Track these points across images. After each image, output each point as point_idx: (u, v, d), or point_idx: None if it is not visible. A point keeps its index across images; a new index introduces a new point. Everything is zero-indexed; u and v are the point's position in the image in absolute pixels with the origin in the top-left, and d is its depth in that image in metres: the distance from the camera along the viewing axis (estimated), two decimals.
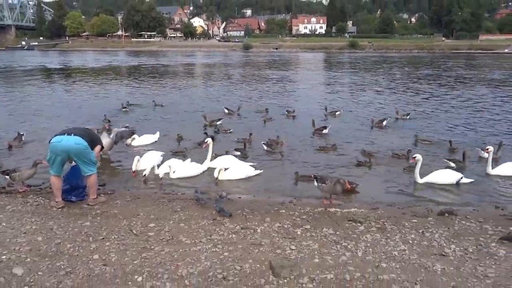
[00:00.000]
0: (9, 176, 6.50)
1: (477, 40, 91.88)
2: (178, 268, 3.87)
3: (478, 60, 53.24)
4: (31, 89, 22.34)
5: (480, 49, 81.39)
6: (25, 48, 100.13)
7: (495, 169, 7.56)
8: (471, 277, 3.78)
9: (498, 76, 29.90)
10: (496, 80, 26.81)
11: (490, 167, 7.55)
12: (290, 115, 13.63)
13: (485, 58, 57.32)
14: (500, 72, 33.78)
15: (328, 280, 3.68)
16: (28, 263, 3.95)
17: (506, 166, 7.55)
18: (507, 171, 7.47)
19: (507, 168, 7.51)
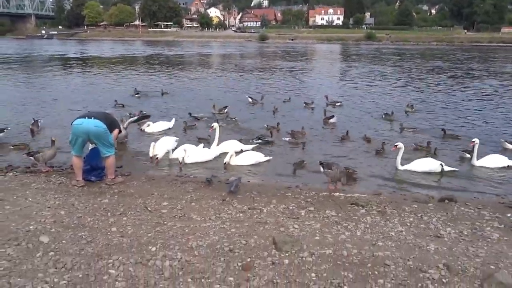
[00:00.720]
0: (33, 157, 6.95)
1: (499, 33, 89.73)
2: (189, 241, 4.20)
3: (498, 53, 52.14)
4: (50, 76, 23.11)
5: (501, 42, 79.52)
6: (45, 37, 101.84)
7: (479, 161, 7.71)
8: (462, 256, 4.01)
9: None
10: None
11: (475, 159, 7.70)
12: (309, 106, 13.66)
13: (504, 52, 56.04)
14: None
15: (326, 255, 3.97)
16: (52, 233, 4.34)
17: (490, 158, 7.73)
18: (491, 163, 7.65)
19: (490, 160, 7.69)
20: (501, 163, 7.67)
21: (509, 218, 5.13)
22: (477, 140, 7.69)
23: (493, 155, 7.86)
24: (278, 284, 3.43)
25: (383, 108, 13.62)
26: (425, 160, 7.53)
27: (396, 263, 3.81)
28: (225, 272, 3.61)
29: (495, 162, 7.67)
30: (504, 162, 7.68)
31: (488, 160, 7.71)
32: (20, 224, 4.50)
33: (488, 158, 7.75)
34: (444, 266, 3.75)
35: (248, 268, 3.68)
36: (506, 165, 7.65)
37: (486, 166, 7.64)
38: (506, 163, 7.66)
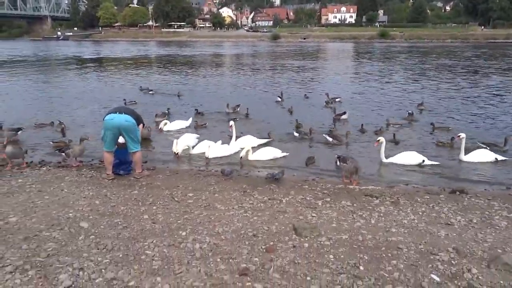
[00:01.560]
0: (64, 153, 7.40)
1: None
2: (215, 227, 4.56)
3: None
4: (66, 76, 23.91)
5: None
6: (60, 38, 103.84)
7: (467, 156, 7.85)
8: (470, 241, 4.29)
9: None
10: None
11: (462, 154, 7.83)
12: (328, 106, 13.73)
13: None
14: None
15: (343, 239, 4.28)
16: (91, 219, 4.74)
17: (477, 153, 7.90)
18: (478, 158, 7.83)
19: (478, 155, 7.87)
20: (488, 158, 7.85)
21: None
22: (464, 134, 7.83)
23: (480, 150, 8.06)
24: (299, 264, 3.75)
25: (392, 106, 13.80)
26: (407, 154, 7.79)
27: (408, 247, 4.11)
28: (250, 253, 3.96)
29: (482, 157, 7.84)
30: (491, 156, 7.86)
31: (476, 154, 7.87)
32: (60, 212, 4.92)
33: (475, 152, 7.92)
34: (453, 249, 4.03)
35: (271, 250, 4.02)
36: (494, 159, 7.84)
37: (473, 161, 7.81)
38: (493, 157, 7.85)
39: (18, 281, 3.38)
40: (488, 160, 7.84)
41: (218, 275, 3.55)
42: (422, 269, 3.67)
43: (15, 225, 4.50)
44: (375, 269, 3.68)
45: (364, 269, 3.68)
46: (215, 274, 3.57)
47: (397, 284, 3.44)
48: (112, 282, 3.42)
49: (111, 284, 3.39)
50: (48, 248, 3.98)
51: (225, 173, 6.58)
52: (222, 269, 3.64)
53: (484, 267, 3.72)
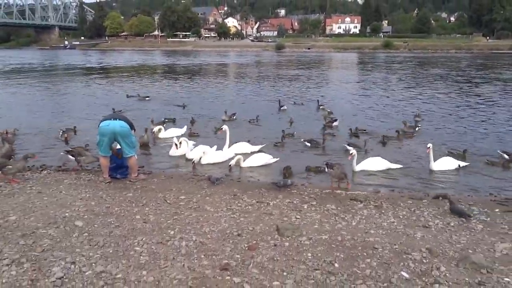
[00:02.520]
0: (75, 159, 7.67)
1: None
2: (202, 227, 4.81)
3: None
4: (72, 85, 24.38)
5: None
6: (68, 47, 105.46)
7: (435, 164, 8.04)
8: (444, 242, 4.50)
9: None
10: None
11: (432, 163, 7.99)
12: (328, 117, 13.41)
13: None
14: None
15: (323, 239, 4.51)
16: (85, 219, 5.01)
17: (443, 161, 8.13)
18: (445, 166, 8.06)
19: (444, 163, 8.10)
20: (453, 165, 8.10)
21: (496, 213, 5.57)
22: (431, 145, 7.95)
23: (445, 158, 8.25)
24: (278, 261, 3.98)
25: (388, 116, 14.03)
26: (374, 160, 8.04)
27: (384, 247, 4.33)
28: (233, 251, 4.19)
29: (448, 165, 8.08)
30: (455, 163, 8.12)
31: (442, 163, 8.09)
32: (57, 212, 5.20)
33: (441, 161, 8.14)
34: (426, 250, 4.24)
35: (253, 248, 4.26)
36: (458, 165, 8.10)
37: (442, 169, 8.01)
38: (457, 164, 8.12)
39: (14, 273, 3.64)
40: (454, 167, 8.08)
41: (200, 269, 3.79)
42: (394, 267, 3.89)
43: (14, 223, 4.77)
44: (349, 266, 3.90)
45: (338, 266, 3.90)
46: (197, 268, 3.80)
47: (368, 280, 3.65)
48: (101, 274, 3.67)
49: (100, 276, 3.63)
50: (44, 244, 4.25)
51: (211, 180, 6.78)
52: (205, 265, 3.88)
53: (453, 266, 3.92)
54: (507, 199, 6.32)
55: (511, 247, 4.38)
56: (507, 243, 4.49)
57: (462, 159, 8.60)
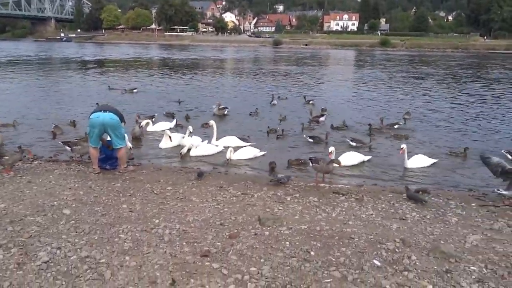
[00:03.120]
0: (71, 149, 7.80)
1: None
2: (187, 216, 4.96)
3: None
4: (67, 77, 24.43)
5: None
6: (64, 40, 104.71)
7: (409, 162, 8.14)
8: (418, 233, 4.68)
9: None
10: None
11: (406, 161, 8.09)
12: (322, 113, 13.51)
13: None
14: None
15: (302, 229, 4.68)
16: (73, 207, 5.15)
17: (416, 159, 8.25)
18: (420, 163, 8.19)
19: (417, 160, 8.23)
20: (426, 162, 8.24)
21: (472, 207, 5.77)
22: (405, 145, 8.04)
23: (418, 156, 8.36)
24: (257, 249, 4.15)
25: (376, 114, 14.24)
26: (349, 154, 8.22)
27: (359, 237, 4.50)
28: (214, 239, 4.35)
29: (422, 162, 8.21)
30: (428, 161, 8.27)
31: (416, 160, 8.21)
32: (46, 200, 5.34)
33: (414, 158, 8.25)
34: (400, 240, 4.42)
35: (234, 237, 4.42)
36: (431, 163, 8.27)
37: (416, 166, 8.14)
38: (430, 162, 8.28)
39: (1, 256, 3.79)
40: (427, 164, 8.23)
41: (181, 256, 3.95)
42: (367, 256, 4.06)
43: (2, 211, 4.91)
44: (325, 254, 4.07)
45: (314, 254, 4.07)
46: (179, 255, 3.97)
47: (341, 267, 3.83)
48: (85, 259, 3.82)
49: (84, 261, 3.79)
50: (31, 230, 4.39)
51: (198, 174, 6.83)
52: (186, 251, 4.04)
53: (423, 255, 4.10)
54: (484, 194, 6.52)
55: (482, 239, 4.57)
56: (478, 235, 4.68)
57: (463, 157, 8.79)
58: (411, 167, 8.11)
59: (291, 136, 10.66)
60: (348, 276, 3.63)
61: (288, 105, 15.51)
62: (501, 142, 10.53)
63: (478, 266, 3.89)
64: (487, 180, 7.44)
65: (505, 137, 11.11)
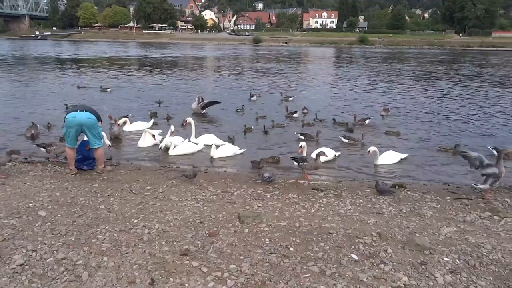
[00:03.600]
0: (45, 150, 7.62)
1: (490, 37, 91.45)
2: (166, 215, 4.94)
3: (486, 57, 53.32)
4: (43, 76, 23.85)
5: (491, 46, 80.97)
6: (39, 38, 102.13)
7: (379, 159, 8.23)
8: (395, 227, 4.79)
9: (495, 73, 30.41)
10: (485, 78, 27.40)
11: (377, 160, 8.18)
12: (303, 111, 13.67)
13: (493, 56, 57.23)
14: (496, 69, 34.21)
15: (281, 226, 4.72)
16: (49, 209, 5.05)
17: (386, 155, 8.34)
18: (388, 159, 8.28)
19: (387, 157, 8.31)
20: (395, 158, 8.34)
21: (446, 200, 5.93)
22: (373, 148, 8.07)
23: (388, 152, 8.45)
24: (237, 246, 4.16)
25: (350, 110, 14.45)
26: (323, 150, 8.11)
27: (338, 232, 4.57)
28: (194, 237, 4.35)
29: (391, 158, 8.30)
30: (397, 156, 8.37)
31: (385, 157, 8.30)
32: (21, 202, 5.22)
33: (384, 155, 8.33)
34: (377, 234, 4.51)
35: (213, 235, 4.42)
36: (400, 158, 8.39)
37: (386, 163, 8.23)
38: (399, 157, 8.38)
39: None
40: (396, 161, 8.31)
41: (160, 255, 3.93)
42: (345, 250, 4.13)
43: None
44: (303, 250, 4.12)
45: (293, 250, 4.11)
46: (158, 254, 3.94)
47: (319, 262, 3.88)
48: (62, 261, 3.76)
49: (60, 263, 3.73)
50: (5, 233, 4.29)
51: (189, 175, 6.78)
52: (165, 250, 4.03)
53: (399, 248, 4.20)
54: (458, 187, 6.71)
55: (455, 231, 4.71)
56: (452, 227, 4.82)
57: (454, 154, 8.80)
58: (381, 164, 8.16)
59: (276, 134, 10.73)
60: (326, 271, 3.69)
61: (267, 101, 15.61)
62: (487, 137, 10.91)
63: (451, 257, 4.01)
64: (461, 174, 7.69)
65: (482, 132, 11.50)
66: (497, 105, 15.92)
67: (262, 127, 10.84)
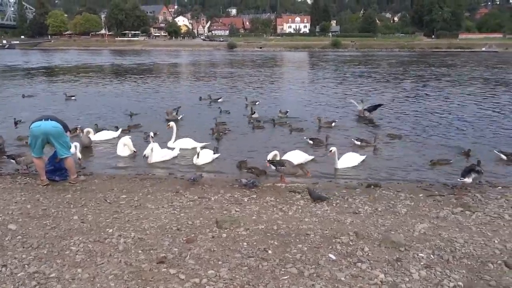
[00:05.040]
0: (15, 160, 7.36)
1: (457, 39, 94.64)
2: (142, 224, 4.86)
3: (454, 58, 55.05)
4: (11, 86, 22.98)
5: (459, 47, 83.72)
6: (6, 47, 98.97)
7: (339, 162, 8.19)
8: (371, 225, 4.87)
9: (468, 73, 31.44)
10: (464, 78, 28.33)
11: (337, 163, 8.09)
12: (282, 114, 13.53)
13: (460, 56, 59.14)
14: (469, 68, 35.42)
15: (259, 229, 4.72)
16: (20, 222, 4.89)
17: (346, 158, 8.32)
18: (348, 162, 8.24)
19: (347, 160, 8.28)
20: (356, 161, 8.32)
21: (420, 197, 6.07)
22: (334, 148, 8.05)
23: (348, 154, 8.46)
24: (215, 251, 4.14)
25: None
26: (295, 153, 8.27)
27: (315, 233, 4.61)
28: (171, 245, 4.29)
29: (351, 161, 8.29)
30: (357, 159, 8.37)
31: (345, 160, 8.28)
32: None
33: (344, 157, 8.30)
34: (353, 233, 4.57)
35: (191, 241, 4.38)
36: (360, 160, 8.36)
37: (346, 166, 8.19)
38: (359, 159, 8.37)
39: None
40: (356, 163, 8.28)
41: (137, 264, 3.86)
42: (323, 250, 4.17)
43: None
44: (282, 252, 4.13)
45: (272, 252, 4.12)
46: (134, 263, 3.87)
47: (298, 263, 3.90)
48: (34, 275, 3.64)
49: (32, 277, 3.61)
50: None
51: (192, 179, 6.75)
52: (142, 259, 3.96)
53: (375, 246, 4.27)
54: (430, 185, 6.89)
55: (429, 227, 4.82)
56: (426, 223, 4.93)
57: (466, 156, 8.66)
58: (341, 167, 8.11)
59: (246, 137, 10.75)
60: (304, 272, 3.71)
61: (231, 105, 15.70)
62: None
63: (426, 253, 4.10)
64: (433, 171, 7.90)
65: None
66: (464, 103, 16.41)
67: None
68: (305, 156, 8.43)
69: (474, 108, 15.29)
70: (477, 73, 31.95)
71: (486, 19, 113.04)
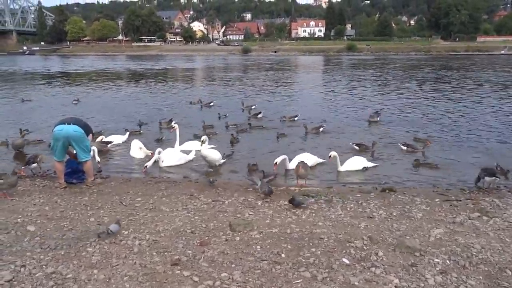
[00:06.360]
0: (34, 164, 7.52)
1: (475, 42, 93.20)
2: (157, 226, 4.92)
3: (472, 61, 54.17)
4: (32, 91, 23.55)
5: (477, 50, 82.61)
6: (27, 53, 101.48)
7: (343, 166, 8.14)
8: (385, 230, 4.82)
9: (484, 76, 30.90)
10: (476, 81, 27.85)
11: (339, 166, 8.09)
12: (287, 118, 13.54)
13: (478, 59, 58.17)
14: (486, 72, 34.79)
15: (272, 233, 4.72)
16: (38, 223, 5.00)
17: (350, 162, 8.23)
18: (352, 166, 8.16)
19: (351, 164, 8.20)
20: (360, 165, 8.20)
21: (435, 202, 5.98)
22: (334, 153, 8.02)
23: (353, 158, 8.35)
24: (228, 254, 4.16)
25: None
26: (304, 155, 8.23)
27: (329, 237, 4.59)
28: (185, 247, 4.33)
29: (355, 165, 8.18)
30: (362, 163, 8.24)
31: (349, 164, 8.19)
32: (9, 218, 5.15)
33: (349, 162, 8.22)
34: (367, 238, 4.53)
35: (204, 244, 4.41)
36: (364, 166, 8.21)
37: (349, 169, 8.11)
38: (364, 165, 8.22)
39: None
40: (360, 167, 8.18)
41: (151, 266, 3.91)
42: (336, 254, 4.15)
43: None
44: (295, 255, 4.13)
45: (285, 256, 4.12)
46: (148, 265, 3.92)
47: (311, 267, 3.89)
48: (51, 275, 3.72)
49: (50, 277, 3.68)
50: None
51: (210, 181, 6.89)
52: (156, 261, 4.00)
53: (390, 251, 4.23)
54: (447, 190, 6.79)
55: (445, 232, 4.75)
56: (441, 228, 4.86)
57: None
58: (344, 170, 8.06)
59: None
60: (317, 276, 3.70)
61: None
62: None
63: (441, 258, 4.04)
64: (449, 176, 7.78)
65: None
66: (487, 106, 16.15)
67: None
68: (315, 158, 8.40)
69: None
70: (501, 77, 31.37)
71: (505, 21, 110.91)
